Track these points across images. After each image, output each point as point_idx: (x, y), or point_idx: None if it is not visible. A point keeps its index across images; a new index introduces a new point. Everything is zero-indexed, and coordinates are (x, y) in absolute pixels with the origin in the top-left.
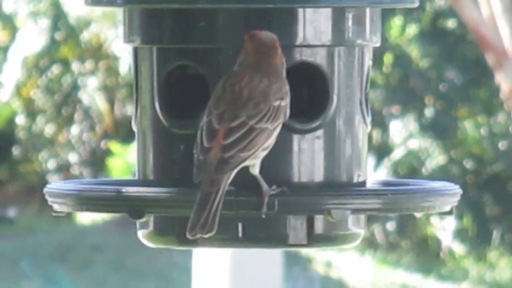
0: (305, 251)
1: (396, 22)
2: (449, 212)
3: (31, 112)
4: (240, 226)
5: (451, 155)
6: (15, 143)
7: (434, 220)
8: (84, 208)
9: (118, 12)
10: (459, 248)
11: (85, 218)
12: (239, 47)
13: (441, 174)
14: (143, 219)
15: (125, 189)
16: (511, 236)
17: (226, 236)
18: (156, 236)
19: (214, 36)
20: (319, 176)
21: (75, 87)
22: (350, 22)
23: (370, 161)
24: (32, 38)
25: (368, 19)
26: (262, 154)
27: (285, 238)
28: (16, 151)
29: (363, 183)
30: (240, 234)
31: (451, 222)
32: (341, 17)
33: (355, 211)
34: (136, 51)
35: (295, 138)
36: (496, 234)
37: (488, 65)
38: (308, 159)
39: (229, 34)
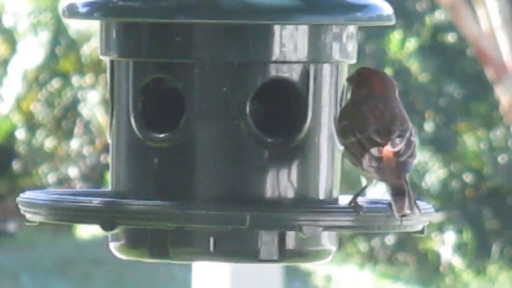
0: (304, 265)
1: (396, 36)
2: (421, 232)
3: (31, 125)
4: (211, 240)
5: (451, 169)
6: (15, 157)
7: (434, 234)
8: (56, 218)
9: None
10: (458, 262)
11: (85, 232)
12: (215, 62)
13: (440, 188)
14: (115, 231)
15: (97, 200)
16: (510, 250)
17: (198, 250)
18: (128, 248)
19: (191, 51)
20: (292, 192)
21: (75, 101)
22: (326, 39)
23: None
24: (32, 51)
25: (345, 36)
26: None
27: (257, 253)
28: (16, 165)
29: (335, 200)
30: (211, 248)
31: (450, 236)
32: (317, 34)
33: (327, 228)
34: (112, 64)
35: (270, 153)
36: (495, 248)
37: (488, 79)
38: (282, 175)
39: (206, 49)
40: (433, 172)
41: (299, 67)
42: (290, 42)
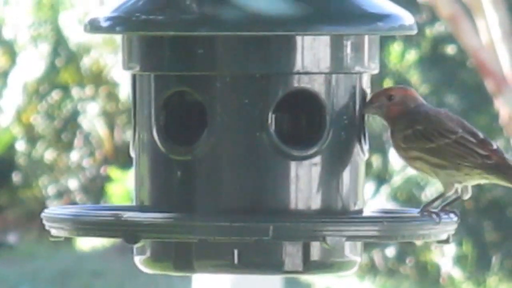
0: (304, 277)
1: (396, 48)
2: (446, 241)
3: (31, 137)
4: (235, 252)
5: None
6: (15, 168)
7: (434, 246)
8: (80, 233)
9: (118, 38)
10: (458, 274)
11: (85, 243)
12: (236, 74)
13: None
14: (139, 244)
15: (121, 214)
16: (510, 262)
17: (222, 262)
18: (153, 262)
19: (212, 63)
20: (315, 203)
21: (75, 113)
22: (348, 49)
23: (370, 187)
24: (32, 63)
25: (366, 46)
26: None
27: (281, 265)
28: (16, 177)
29: (359, 211)
30: (235, 260)
31: (450, 248)
32: (339, 44)
33: (350, 238)
34: (134, 78)
35: (292, 165)
36: (495, 260)
37: (488, 91)
38: (305, 186)
39: (227, 62)
40: (433, 184)
41: (320, 78)
42: (311, 53)
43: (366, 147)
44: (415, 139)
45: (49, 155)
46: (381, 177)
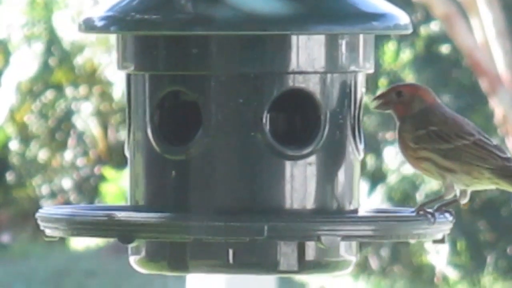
0: (298, 277)
1: (390, 47)
2: (441, 240)
3: (25, 137)
4: (230, 252)
5: None
6: (8, 168)
7: (428, 245)
8: (75, 232)
9: (112, 38)
10: (453, 274)
11: (79, 243)
12: (231, 74)
13: None
14: (134, 244)
15: (115, 214)
16: (505, 262)
17: (217, 262)
18: (147, 261)
19: (207, 63)
20: (310, 202)
21: (68, 112)
22: (343, 49)
23: (364, 186)
24: (26, 63)
25: (361, 46)
26: None
27: (276, 265)
28: (9, 176)
29: (355, 210)
30: (230, 260)
31: (445, 248)
32: (334, 44)
33: (346, 237)
34: (129, 77)
35: (287, 164)
36: (490, 260)
37: (482, 90)
38: (300, 185)
39: (222, 61)
40: (427, 183)
41: (315, 78)
42: (306, 53)
43: (361, 146)
44: (429, 140)
45: (43, 155)
46: (376, 177)
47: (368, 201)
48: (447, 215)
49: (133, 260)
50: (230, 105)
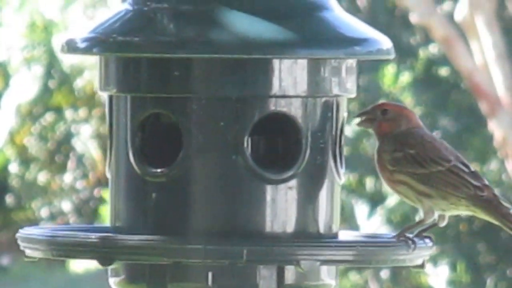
0: None
1: (390, 70)
2: (421, 266)
3: (24, 159)
4: (210, 275)
5: None
6: (8, 190)
7: (428, 267)
8: (55, 253)
9: None
10: None
11: (78, 266)
12: (213, 97)
13: None
14: (113, 266)
15: (95, 236)
16: (504, 284)
17: (196, 285)
18: (127, 284)
19: (188, 86)
20: (290, 226)
21: (68, 135)
22: (325, 73)
23: (364, 209)
24: (26, 85)
25: (344, 70)
26: None
27: None
28: (9, 198)
29: (335, 234)
30: (210, 283)
31: (444, 270)
32: (316, 68)
33: (325, 262)
34: (111, 99)
35: (268, 188)
36: (490, 282)
37: (482, 113)
38: (280, 209)
39: (204, 84)
40: None
41: (297, 102)
42: (288, 77)
43: (342, 170)
44: (406, 163)
45: (42, 177)
46: (375, 199)
47: (368, 223)
48: (427, 240)
49: (112, 282)
50: (211, 128)
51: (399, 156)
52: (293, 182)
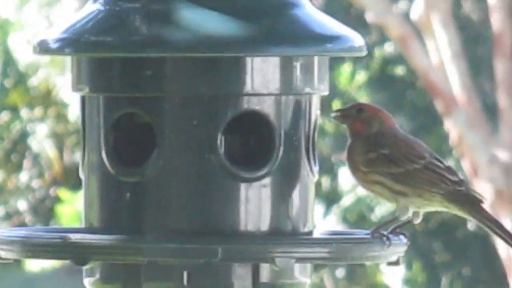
0: None
1: (345, 68)
2: (396, 262)
3: None
4: (185, 274)
5: None
6: None
7: (383, 266)
8: (30, 255)
9: (67, 59)
10: None
11: (34, 265)
12: (185, 95)
13: None
14: (88, 266)
15: (70, 236)
16: (460, 283)
17: (171, 284)
18: (102, 284)
19: (161, 85)
20: (265, 224)
21: (24, 134)
22: (298, 71)
23: (319, 208)
24: None
25: (316, 68)
26: None
27: (231, 287)
28: None
29: (309, 232)
30: (185, 282)
31: (400, 270)
32: (289, 66)
33: (300, 259)
34: (83, 99)
35: (241, 186)
36: (445, 281)
37: (437, 111)
38: (254, 207)
39: (176, 83)
40: (382, 204)
41: (270, 100)
42: (261, 75)
43: (315, 168)
44: (380, 163)
45: None
46: (331, 198)
47: (323, 222)
48: (401, 237)
49: (87, 282)
50: (184, 127)
51: (373, 157)
52: (267, 180)
